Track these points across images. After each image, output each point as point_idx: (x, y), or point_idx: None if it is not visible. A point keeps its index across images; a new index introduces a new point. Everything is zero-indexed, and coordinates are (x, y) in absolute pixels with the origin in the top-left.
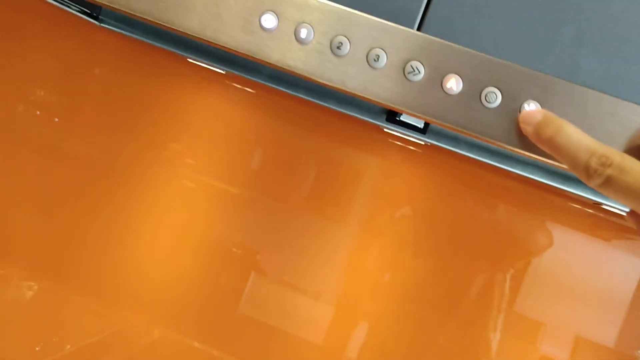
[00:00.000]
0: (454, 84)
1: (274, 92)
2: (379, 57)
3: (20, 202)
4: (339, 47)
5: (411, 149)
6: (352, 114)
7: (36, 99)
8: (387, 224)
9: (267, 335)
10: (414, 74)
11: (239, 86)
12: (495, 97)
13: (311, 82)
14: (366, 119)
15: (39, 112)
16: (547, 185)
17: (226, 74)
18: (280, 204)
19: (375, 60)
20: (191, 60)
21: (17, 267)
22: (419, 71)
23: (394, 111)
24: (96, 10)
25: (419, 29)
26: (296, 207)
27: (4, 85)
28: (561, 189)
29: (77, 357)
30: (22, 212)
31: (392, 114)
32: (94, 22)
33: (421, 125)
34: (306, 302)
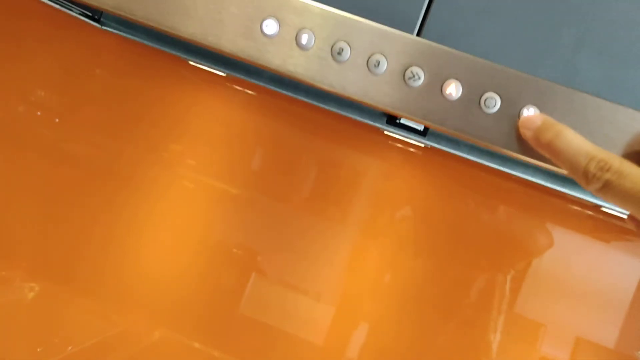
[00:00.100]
0: (454, 90)
1: (274, 94)
2: (379, 62)
3: (20, 203)
4: (339, 53)
5: (411, 151)
6: (352, 117)
7: (37, 99)
8: (387, 225)
9: (267, 335)
10: (414, 80)
11: (239, 88)
12: (494, 103)
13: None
14: (366, 122)
15: (39, 113)
16: (547, 187)
17: (227, 77)
18: (281, 205)
19: (375, 65)
20: (192, 62)
21: (18, 268)
22: (419, 77)
23: None
24: (98, 13)
25: (419, 34)
26: (297, 208)
27: (4, 85)
28: (561, 192)
29: (78, 358)
30: (23, 213)
31: (393, 117)
32: (96, 25)
33: (421, 127)
34: (307, 303)
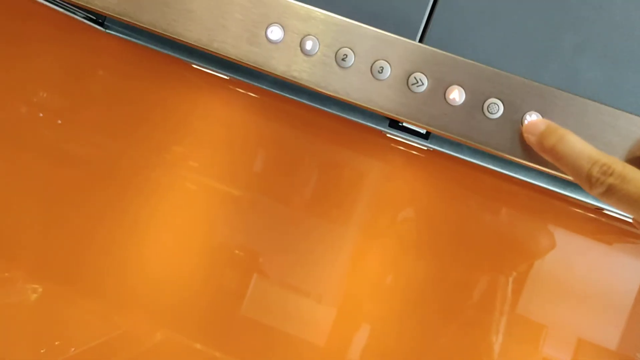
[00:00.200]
0: (457, 95)
1: (277, 97)
2: (383, 68)
3: (23, 204)
4: (343, 59)
5: (414, 153)
6: (354, 119)
7: (39, 101)
8: (389, 227)
9: (269, 337)
10: (418, 86)
11: (242, 91)
12: (497, 108)
13: None
14: (369, 124)
15: (42, 114)
16: (550, 190)
17: (229, 79)
18: (283, 207)
19: (379, 71)
20: (195, 66)
21: (21, 269)
22: (422, 82)
23: None
24: (102, 16)
25: (421, 40)
26: (299, 210)
27: (7, 86)
28: (563, 194)
29: (81, 359)
30: (26, 215)
31: (395, 120)
32: (99, 28)
33: (424, 130)
34: (308, 304)
